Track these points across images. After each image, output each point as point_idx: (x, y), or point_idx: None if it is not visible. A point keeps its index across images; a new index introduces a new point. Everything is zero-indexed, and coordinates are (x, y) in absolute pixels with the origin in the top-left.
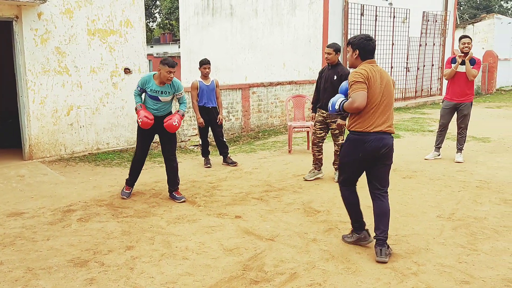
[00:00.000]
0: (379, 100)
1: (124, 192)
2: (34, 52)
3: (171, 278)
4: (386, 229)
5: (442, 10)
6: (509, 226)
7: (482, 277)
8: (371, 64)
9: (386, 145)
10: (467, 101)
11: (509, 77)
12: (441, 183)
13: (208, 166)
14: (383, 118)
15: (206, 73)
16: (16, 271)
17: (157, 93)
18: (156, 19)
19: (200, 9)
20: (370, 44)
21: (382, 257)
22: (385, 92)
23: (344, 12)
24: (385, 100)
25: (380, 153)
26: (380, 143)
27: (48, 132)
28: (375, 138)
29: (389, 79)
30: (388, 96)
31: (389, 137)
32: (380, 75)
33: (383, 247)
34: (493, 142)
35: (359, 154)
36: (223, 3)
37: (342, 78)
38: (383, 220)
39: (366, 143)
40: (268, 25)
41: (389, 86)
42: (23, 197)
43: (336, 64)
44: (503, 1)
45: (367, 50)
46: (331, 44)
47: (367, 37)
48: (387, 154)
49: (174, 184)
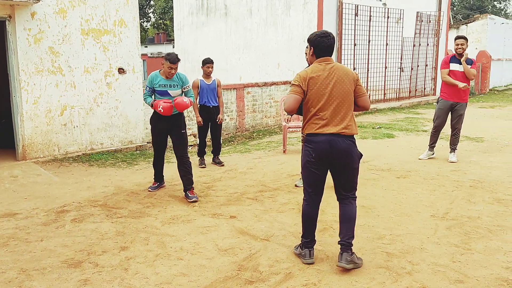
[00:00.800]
0: (325, 101)
1: (151, 187)
2: (28, 52)
3: (166, 278)
4: (348, 234)
5: (436, 10)
6: (503, 225)
7: (476, 276)
8: (324, 62)
9: (339, 148)
10: (463, 101)
11: (502, 77)
12: (435, 183)
13: (203, 167)
14: (335, 120)
15: (208, 72)
16: (9, 272)
17: (166, 87)
18: (150, 19)
19: (194, 9)
20: (324, 41)
21: (342, 262)
22: (334, 92)
23: (338, 12)
24: (335, 100)
25: (333, 157)
26: (330, 145)
27: (42, 132)
28: (324, 140)
29: (343, 78)
30: (339, 96)
31: (342, 140)
32: (332, 74)
33: (345, 252)
34: (487, 142)
35: (312, 156)
36: (218, 3)
37: None
38: (346, 225)
39: (316, 145)
40: (262, 25)
41: (342, 86)
42: (16, 198)
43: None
44: (496, 2)
45: (321, 48)
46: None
47: (322, 34)
48: (344, 158)
49: (187, 184)
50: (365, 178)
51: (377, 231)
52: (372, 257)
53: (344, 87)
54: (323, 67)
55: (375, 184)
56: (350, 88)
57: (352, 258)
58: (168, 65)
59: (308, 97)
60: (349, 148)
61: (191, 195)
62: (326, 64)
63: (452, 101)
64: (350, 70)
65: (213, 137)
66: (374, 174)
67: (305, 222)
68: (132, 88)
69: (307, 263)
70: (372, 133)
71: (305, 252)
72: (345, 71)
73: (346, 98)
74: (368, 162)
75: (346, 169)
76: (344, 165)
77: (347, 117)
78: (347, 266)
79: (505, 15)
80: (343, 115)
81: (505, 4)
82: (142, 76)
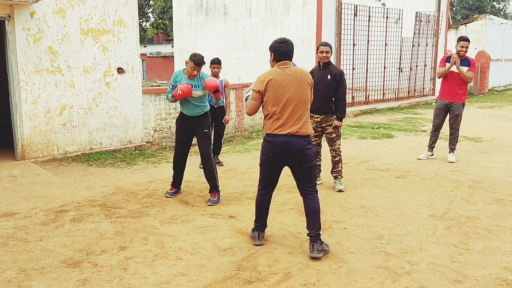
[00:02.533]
0: (283, 103)
1: (168, 192)
2: (27, 51)
3: (165, 278)
4: (315, 226)
5: (435, 10)
6: (501, 225)
7: (475, 276)
8: (282, 66)
9: (294, 147)
10: (458, 101)
11: (501, 78)
12: (434, 183)
13: (202, 167)
14: (291, 121)
15: (215, 72)
16: (8, 272)
17: None
18: (149, 18)
19: (193, 9)
20: (282, 46)
21: (314, 252)
22: (291, 95)
23: (337, 12)
24: (292, 103)
25: (289, 156)
26: (286, 146)
27: (41, 132)
28: (281, 141)
29: (300, 81)
30: (295, 98)
31: (297, 140)
32: (289, 78)
33: (315, 243)
34: (485, 142)
35: (270, 154)
36: (217, 3)
37: (336, 77)
38: (312, 217)
39: (274, 144)
40: (262, 25)
41: (298, 89)
42: (15, 198)
43: (328, 63)
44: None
45: (279, 53)
46: (326, 43)
47: (281, 40)
48: (299, 157)
49: (211, 186)
50: (364, 178)
51: (376, 231)
52: (371, 257)
53: (301, 90)
54: (281, 71)
55: (374, 184)
56: (306, 91)
57: (322, 247)
58: (191, 65)
59: (266, 99)
60: (304, 147)
61: (211, 198)
62: (284, 68)
63: (447, 101)
64: (307, 74)
65: (216, 137)
66: (373, 174)
67: (258, 210)
68: (131, 88)
69: (256, 244)
70: (371, 133)
71: (255, 235)
72: (302, 75)
73: (302, 100)
74: (367, 162)
75: (303, 166)
76: (301, 163)
77: (303, 118)
78: (318, 255)
79: (504, 15)
80: (299, 117)
81: (504, 4)
82: (141, 76)
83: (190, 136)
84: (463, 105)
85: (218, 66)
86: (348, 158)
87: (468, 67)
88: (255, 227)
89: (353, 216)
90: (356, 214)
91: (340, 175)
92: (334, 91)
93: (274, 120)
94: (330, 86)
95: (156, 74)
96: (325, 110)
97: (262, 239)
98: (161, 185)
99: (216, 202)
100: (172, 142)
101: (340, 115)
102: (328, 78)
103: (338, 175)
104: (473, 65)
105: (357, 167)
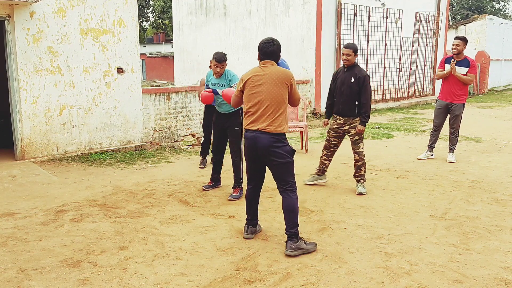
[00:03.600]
0: (256, 101)
1: (205, 185)
2: (26, 51)
3: (165, 278)
4: (289, 225)
5: (435, 10)
6: (501, 225)
7: (475, 276)
8: (263, 65)
9: (261, 144)
10: (458, 101)
11: (501, 78)
12: (434, 183)
13: (202, 167)
14: (262, 118)
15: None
16: (8, 272)
17: (215, 86)
18: (149, 18)
19: (193, 9)
20: (266, 46)
21: (287, 250)
22: (264, 93)
23: (337, 12)
24: (265, 100)
25: (258, 152)
26: (254, 141)
27: (41, 132)
28: (251, 136)
29: (275, 81)
30: (268, 98)
31: (265, 137)
32: (265, 77)
33: (290, 241)
34: (485, 142)
35: (244, 149)
36: (217, 3)
37: (359, 80)
38: (287, 216)
39: (246, 140)
40: (261, 25)
41: (273, 88)
42: (15, 197)
43: (353, 66)
44: (495, 2)
45: (263, 52)
46: (349, 45)
47: (266, 40)
48: (268, 154)
49: (234, 181)
50: None
51: (375, 231)
52: (371, 257)
53: (275, 89)
54: (261, 70)
55: (373, 184)
56: (281, 90)
57: (298, 245)
58: (214, 63)
59: (244, 95)
60: (271, 145)
61: (233, 193)
62: (264, 67)
63: (447, 102)
64: (285, 74)
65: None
66: (373, 174)
67: (247, 204)
68: (131, 88)
69: (244, 237)
70: (370, 133)
71: (244, 228)
72: (279, 75)
73: (275, 99)
74: (367, 162)
75: (273, 164)
76: (270, 160)
77: (275, 116)
78: (291, 253)
79: (504, 15)
80: (270, 114)
81: (504, 4)
82: (141, 76)
83: (223, 133)
84: (463, 105)
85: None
86: (347, 158)
87: (468, 68)
88: (246, 220)
89: (353, 216)
90: (356, 214)
91: (362, 179)
92: (358, 94)
93: (249, 115)
94: (353, 90)
95: (156, 74)
96: (348, 113)
97: (251, 234)
98: (161, 185)
99: (237, 198)
100: (172, 142)
101: (363, 120)
102: (351, 81)
103: (361, 178)
104: (474, 66)
105: None
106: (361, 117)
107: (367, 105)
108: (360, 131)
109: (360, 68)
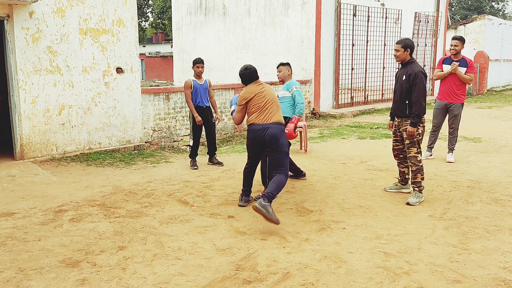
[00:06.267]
0: (263, 104)
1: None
2: (26, 51)
3: (164, 278)
4: (272, 190)
5: (434, 11)
6: (500, 225)
7: (474, 276)
8: (255, 84)
9: (269, 133)
10: (456, 101)
11: (500, 78)
12: (433, 183)
13: (195, 168)
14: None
15: (199, 72)
16: (7, 272)
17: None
18: (148, 18)
19: (193, 9)
20: (244, 73)
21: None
22: (267, 99)
23: (336, 12)
24: (268, 103)
25: (265, 141)
26: (263, 132)
27: (40, 131)
28: (261, 128)
29: (269, 91)
30: (270, 100)
31: (276, 126)
32: (263, 89)
33: (263, 198)
34: (484, 142)
35: (251, 139)
36: (216, 3)
37: (410, 78)
38: (273, 185)
39: (255, 132)
40: (261, 25)
41: (267, 94)
42: (14, 197)
43: (407, 62)
44: (494, 2)
45: (245, 78)
46: (399, 40)
47: (244, 68)
48: (272, 142)
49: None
50: (363, 178)
51: (374, 231)
52: (370, 257)
53: (273, 95)
54: (256, 86)
55: (373, 184)
56: (275, 96)
57: (265, 205)
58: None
59: (251, 103)
60: (276, 134)
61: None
62: (257, 85)
63: (445, 102)
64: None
65: (209, 137)
66: (372, 174)
67: (245, 177)
68: (130, 88)
69: (239, 205)
70: (370, 133)
71: (239, 197)
72: (267, 87)
73: (275, 99)
74: (366, 162)
75: (276, 152)
76: (274, 149)
77: (278, 110)
78: (258, 205)
79: (503, 15)
80: (272, 110)
81: (503, 4)
82: (140, 76)
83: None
84: (462, 105)
85: (202, 65)
86: (347, 158)
87: (466, 68)
88: (241, 191)
89: (352, 216)
90: (355, 214)
91: (417, 186)
92: (408, 93)
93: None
94: (404, 88)
95: (155, 74)
96: (399, 113)
97: (245, 202)
98: (160, 185)
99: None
100: (171, 142)
101: (412, 120)
102: (403, 79)
103: (416, 186)
104: (471, 66)
105: (356, 167)
106: (410, 117)
107: (418, 104)
108: (410, 132)
109: (414, 65)
